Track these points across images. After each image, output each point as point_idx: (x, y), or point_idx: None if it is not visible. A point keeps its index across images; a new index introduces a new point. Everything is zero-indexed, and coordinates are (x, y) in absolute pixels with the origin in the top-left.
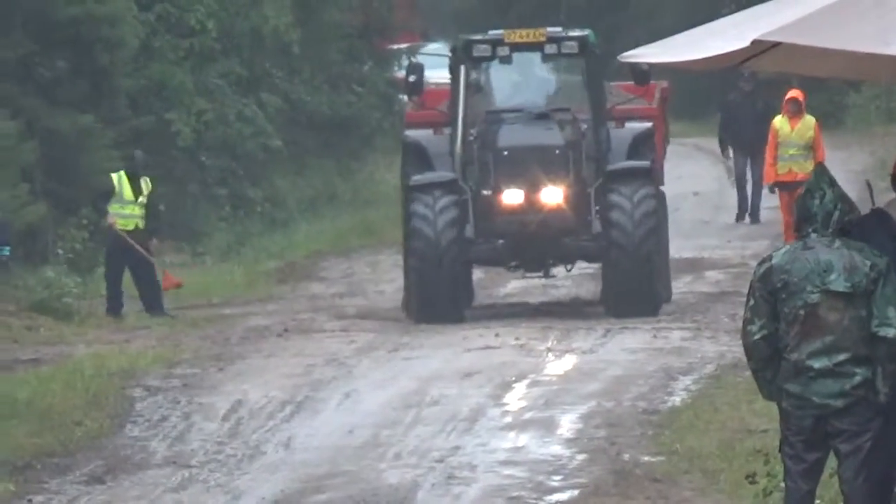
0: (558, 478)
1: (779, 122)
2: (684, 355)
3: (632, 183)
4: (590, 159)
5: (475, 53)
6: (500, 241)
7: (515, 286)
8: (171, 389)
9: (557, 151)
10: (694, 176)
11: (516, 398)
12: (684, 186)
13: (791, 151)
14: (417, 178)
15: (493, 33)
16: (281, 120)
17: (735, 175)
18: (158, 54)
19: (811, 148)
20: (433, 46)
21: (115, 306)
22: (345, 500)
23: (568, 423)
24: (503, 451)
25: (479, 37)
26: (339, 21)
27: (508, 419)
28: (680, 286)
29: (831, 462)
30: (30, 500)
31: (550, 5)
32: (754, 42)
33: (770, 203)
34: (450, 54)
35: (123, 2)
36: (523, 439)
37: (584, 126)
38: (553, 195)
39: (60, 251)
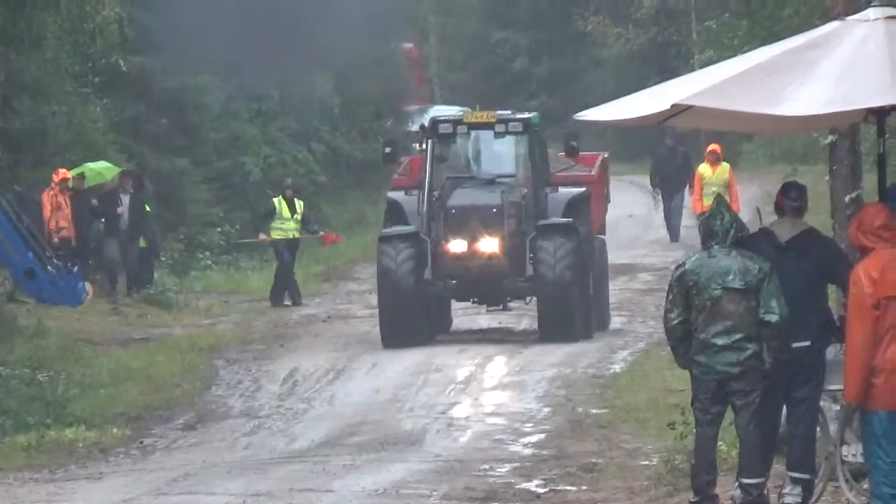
0: (529, 425)
1: (703, 168)
2: (622, 335)
3: (556, 235)
4: (530, 217)
5: (440, 131)
6: (453, 282)
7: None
8: (245, 360)
9: (494, 210)
10: (629, 203)
11: (498, 367)
12: (622, 211)
13: (713, 189)
14: (384, 231)
15: (454, 115)
16: (325, 162)
17: (664, 208)
18: (235, 114)
19: (727, 186)
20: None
21: (276, 299)
22: (373, 442)
23: (536, 385)
24: (489, 405)
25: (443, 117)
26: (368, 90)
27: (493, 382)
28: (619, 284)
29: (730, 414)
30: (141, 442)
31: (523, 79)
32: (673, 105)
33: (687, 223)
34: (420, 131)
35: (209, 76)
36: (503, 397)
37: (525, 190)
38: (489, 245)
39: (163, 258)
